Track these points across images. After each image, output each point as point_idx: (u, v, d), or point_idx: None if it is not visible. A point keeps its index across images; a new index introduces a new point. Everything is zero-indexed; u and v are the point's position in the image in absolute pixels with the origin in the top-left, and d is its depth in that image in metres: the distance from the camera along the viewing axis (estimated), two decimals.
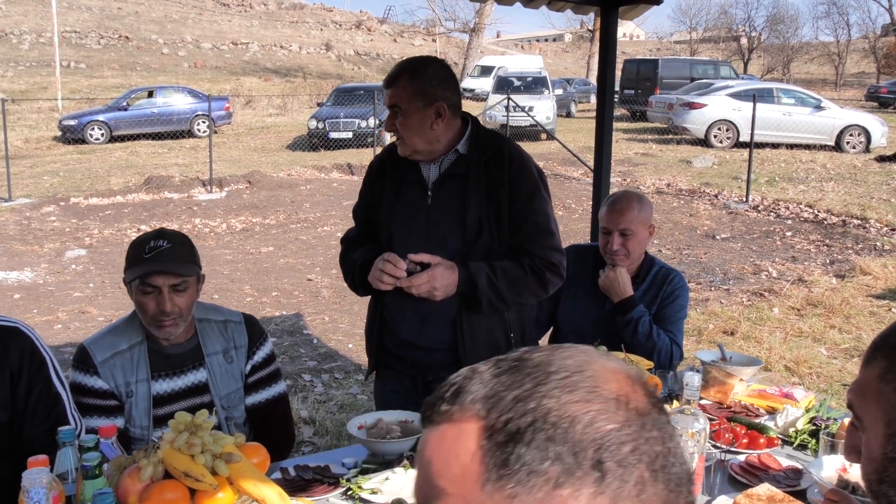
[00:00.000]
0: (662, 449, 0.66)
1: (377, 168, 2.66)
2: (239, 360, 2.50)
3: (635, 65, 26.61)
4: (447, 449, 0.69)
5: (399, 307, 2.53)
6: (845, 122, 17.27)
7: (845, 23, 54.14)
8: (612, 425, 0.65)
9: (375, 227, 2.59)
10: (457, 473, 0.67)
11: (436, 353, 2.53)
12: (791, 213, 11.12)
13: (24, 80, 31.83)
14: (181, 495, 1.50)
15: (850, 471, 1.98)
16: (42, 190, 13.38)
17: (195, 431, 1.55)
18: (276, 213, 11.52)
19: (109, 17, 45.28)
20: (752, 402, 2.58)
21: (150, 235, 2.34)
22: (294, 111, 26.33)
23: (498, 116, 18.04)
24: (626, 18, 4.42)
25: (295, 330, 6.55)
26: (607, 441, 0.64)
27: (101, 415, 2.29)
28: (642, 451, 0.65)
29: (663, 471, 0.66)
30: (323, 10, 62.15)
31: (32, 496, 1.25)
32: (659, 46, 68.96)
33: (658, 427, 0.67)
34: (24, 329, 2.15)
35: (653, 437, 0.66)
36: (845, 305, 6.81)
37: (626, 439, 0.65)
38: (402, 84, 2.42)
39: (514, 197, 2.44)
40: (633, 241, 2.91)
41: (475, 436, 0.67)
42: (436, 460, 0.69)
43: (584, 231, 9.91)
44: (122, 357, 2.33)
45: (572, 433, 0.64)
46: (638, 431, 0.65)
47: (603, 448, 0.64)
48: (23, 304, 7.23)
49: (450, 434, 0.69)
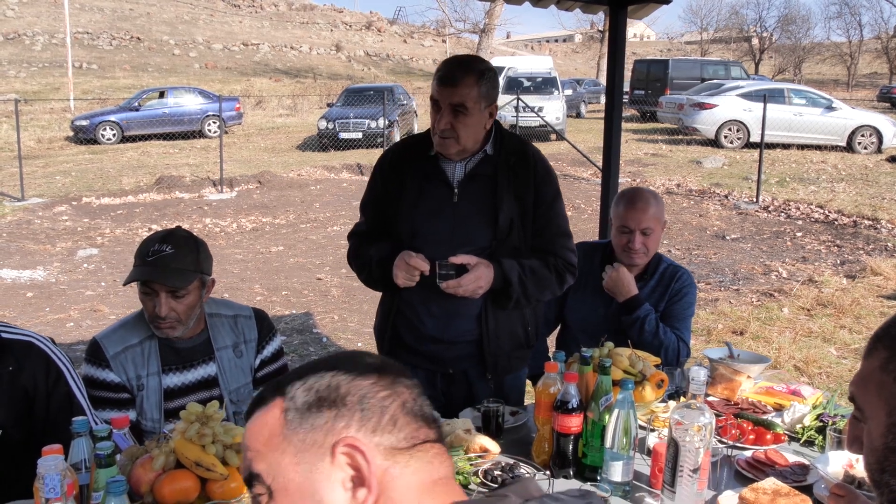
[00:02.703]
0: (413, 396, 0.98)
1: (391, 162, 2.65)
2: (248, 354, 2.52)
3: (645, 65, 26.55)
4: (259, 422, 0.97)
5: (424, 304, 2.55)
6: (857, 123, 17.19)
7: (857, 23, 53.79)
8: (369, 381, 0.96)
9: (389, 221, 2.59)
10: (266, 435, 0.95)
11: (458, 346, 2.60)
12: (802, 213, 11.08)
13: (37, 80, 32.04)
14: (192, 484, 1.53)
15: (857, 466, 1.98)
16: (54, 190, 13.48)
17: (206, 422, 1.57)
18: (286, 212, 11.56)
19: (121, 18, 45.53)
20: (760, 399, 2.58)
21: (158, 236, 2.35)
22: (304, 112, 26.42)
23: (508, 117, 18.02)
24: (635, 18, 4.42)
25: (304, 329, 6.58)
26: (369, 391, 0.95)
27: (114, 407, 2.32)
28: (395, 396, 0.96)
29: (412, 413, 0.96)
30: (333, 10, 62.28)
31: (48, 482, 1.28)
32: (669, 47, 68.77)
33: (408, 386, 0.99)
34: (37, 342, 2.14)
35: (403, 389, 0.97)
36: (855, 306, 6.79)
37: (384, 388, 0.96)
38: (470, 84, 2.43)
39: (540, 200, 2.58)
40: (652, 238, 2.93)
41: (279, 408, 0.96)
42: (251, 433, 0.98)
43: (594, 231, 9.90)
44: (134, 351, 2.36)
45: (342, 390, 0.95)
46: (392, 385, 0.97)
47: (365, 395, 0.94)
48: (35, 303, 7.29)
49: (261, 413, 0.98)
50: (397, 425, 0.94)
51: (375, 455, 0.91)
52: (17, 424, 2.05)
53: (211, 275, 2.45)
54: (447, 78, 2.44)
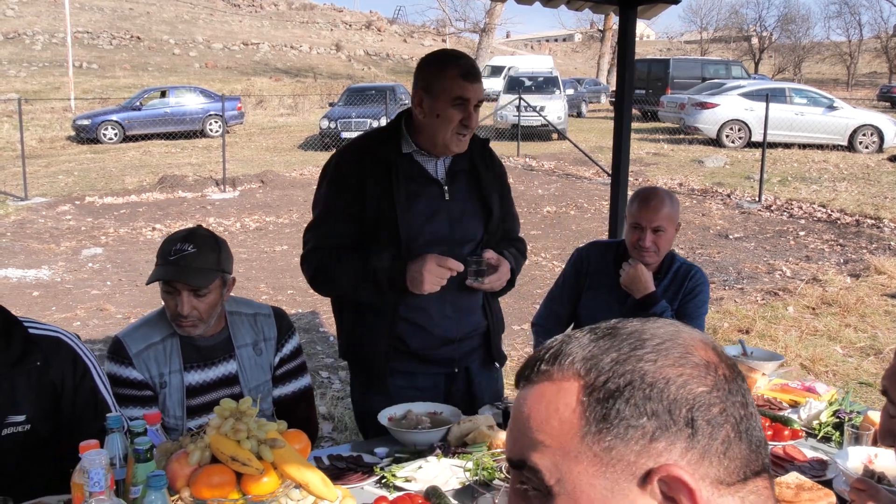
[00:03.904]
0: (745, 412, 0.73)
1: (353, 166, 2.47)
2: (268, 352, 2.54)
3: (646, 65, 26.55)
4: (546, 405, 0.75)
5: (440, 305, 2.50)
6: (858, 122, 17.21)
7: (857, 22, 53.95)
8: (703, 388, 0.72)
9: (373, 227, 2.44)
10: (555, 426, 0.74)
11: (466, 342, 2.62)
12: (804, 212, 11.10)
13: (37, 80, 32.04)
14: (228, 479, 1.55)
15: (876, 461, 2.01)
16: (57, 189, 13.49)
17: (240, 418, 1.59)
18: (289, 212, 11.58)
19: (121, 18, 45.53)
20: (775, 396, 2.60)
21: (179, 236, 2.36)
22: (305, 111, 26.43)
23: (509, 116, 18.06)
24: (645, 17, 4.44)
25: (311, 327, 6.60)
26: (699, 402, 0.71)
27: (137, 405, 2.34)
28: (729, 412, 0.72)
29: (746, 433, 0.73)
30: (333, 10, 62.28)
31: (93, 476, 1.30)
32: (669, 46, 68.81)
33: (741, 393, 0.74)
34: (65, 338, 2.17)
35: (737, 401, 0.73)
36: (860, 304, 6.81)
37: (716, 401, 0.72)
38: (480, 79, 2.47)
39: (505, 189, 2.73)
40: (664, 237, 2.94)
41: (575, 393, 0.74)
42: (535, 415, 0.76)
43: (596, 230, 9.94)
44: (156, 349, 2.39)
45: (668, 393, 0.71)
46: (725, 395, 0.72)
47: (695, 408, 0.71)
48: (42, 302, 7.31)
49: (549, 391, 0.75)
50: (728, 452, 0.71)
51: (702, 491, 0.69)
52: (45, 419, 2.07)
53: (231, 273, 2.47)
54: (473, 74, 2.41)
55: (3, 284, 7.89)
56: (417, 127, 2.48)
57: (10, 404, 2.03)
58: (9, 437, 2.02)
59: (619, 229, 4.07)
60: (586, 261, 3.15)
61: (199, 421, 2.39)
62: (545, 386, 0.76)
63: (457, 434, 2.18)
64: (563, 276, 3.23)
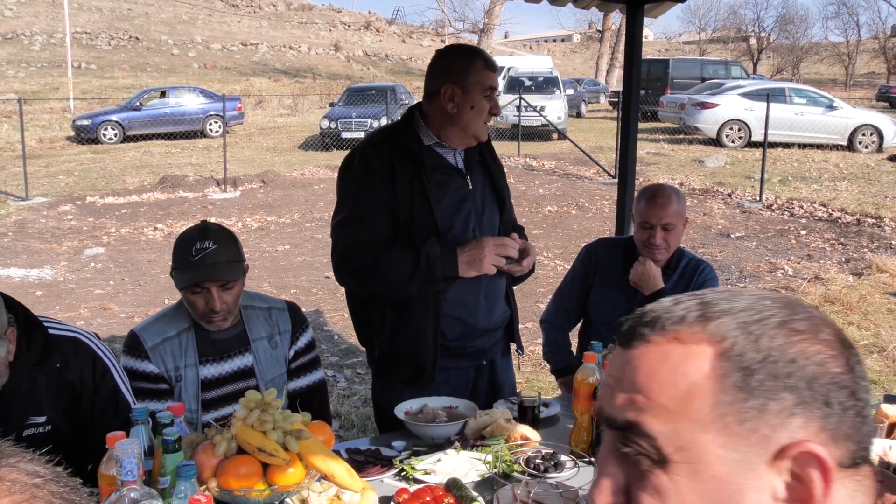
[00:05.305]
0: (867, 398, 0.71)
1: (381, 159, 2.45)
2: (283, 345, 2.56)
3: (646, 65, 26.49)
4: (672, 367, 0.70)
5: (476, 294, 2.54)
6: (858, 122, 17.26)
7: (855, 23, 54.14)
8: (838, 369, 0.70)
9: (412, 222, 2.42)
10: (682, 390, 0.69)
11: (495, 332, 2.66)
12: (805, 212, 11.12)
13: (36, 80, 32.01)
14: (255, 470, 1.56)
15: (891, 454, 2.02)
16: (58, 189, 13.49)
17: (266, 409, 1.60)
18: (290, 211, 11.59)
19: (119, 18, 45.49)
20: None
21: (194, 234, 2.35)
22: (304, 111, 26.44)
23: (510, 116, 18.06)
24: (651, 16, 4.45)
25: (315, 326, 6.61)
26: (835, 382, 0.69)
27: (153, 398, 2.35)
28: (858, 396, 0.70)
29: (866, 418, 0.71)
30: (332, 10, 62.28)
31: (126, 465, 1.31)
32: (668, 47, 68.92)
33: (865, 378, 0.72)
34: (83, 338, 2.18)
35: (863, 385, 0.71)
36: (863, 303, 6.83)
37: (849, 383, 0.70)
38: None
39: (505, 178, 2.79)
40: (674, 234, 2.95)
41: (710, 358, 0.69)
42: (656, 376, 0.71)
43: (598, 230, 9.96)
44: (172, 343, 2.40)
45: (809, 370, 0.68)
46: (854, 379, 0.70)
47: (832, 387, 0.68)
48: (45, 301, 7.31)
49: (676, 353, 0.71)
50: (853, 435, 0.69)
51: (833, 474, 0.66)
52: (66, 418, 2.08)
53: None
54: (494, 64, 2.53)
55: (5, 284, 7.88)
56: (436, 120, 2.51)
57: (31, 406, 2.04)
58: (30, 437, 2.03)
59: (626, 227, 4.08)
60: (595, 257, 3.17)
61: (215, 414, 2.41)
62: (672, 347, 0.71)
63: (474, 427, 2.19)
64: (571, 272, 3.25)
